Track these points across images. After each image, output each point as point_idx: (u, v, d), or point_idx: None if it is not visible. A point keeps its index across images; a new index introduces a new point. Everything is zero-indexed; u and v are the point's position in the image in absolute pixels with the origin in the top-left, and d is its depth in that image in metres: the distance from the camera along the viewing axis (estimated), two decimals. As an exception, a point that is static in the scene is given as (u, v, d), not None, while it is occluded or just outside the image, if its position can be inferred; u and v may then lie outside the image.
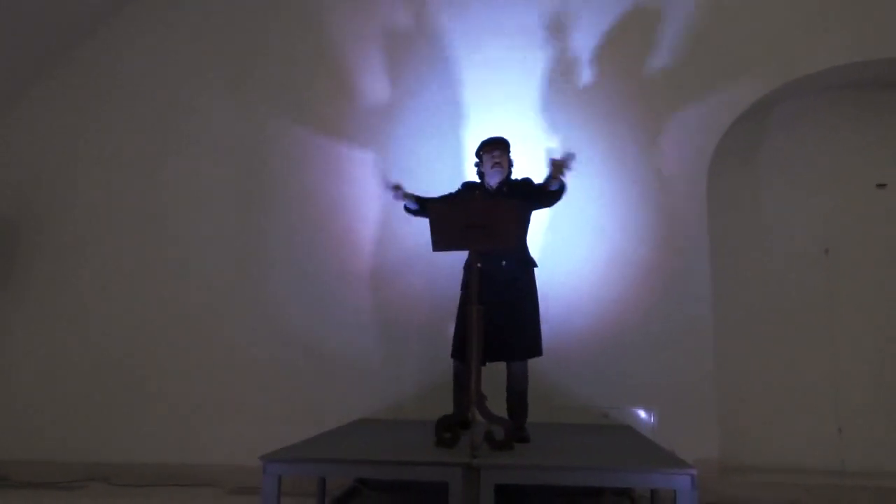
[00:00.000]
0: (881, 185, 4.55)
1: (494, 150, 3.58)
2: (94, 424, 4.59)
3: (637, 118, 4.42)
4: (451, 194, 3.75)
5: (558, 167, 3.33)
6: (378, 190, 4.48)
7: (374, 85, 4.71)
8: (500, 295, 3.34)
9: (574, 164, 3.32)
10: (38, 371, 4.74)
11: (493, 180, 3.60)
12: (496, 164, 3.56)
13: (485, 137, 3.69)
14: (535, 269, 3.60)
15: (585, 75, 4.51)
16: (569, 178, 3.38)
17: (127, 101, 4.96)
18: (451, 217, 3.11)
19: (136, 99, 4.96)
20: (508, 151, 3.64)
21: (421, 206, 3.67)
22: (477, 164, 3.70)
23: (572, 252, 4.34)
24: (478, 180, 3.71)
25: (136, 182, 4.86)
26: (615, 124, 4.43)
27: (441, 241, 3.15)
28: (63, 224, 4.89)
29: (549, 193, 3.47)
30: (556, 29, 4.56)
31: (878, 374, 4.40)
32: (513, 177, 3.67)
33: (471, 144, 4.43)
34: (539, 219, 4.23)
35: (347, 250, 4.58)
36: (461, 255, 3.54)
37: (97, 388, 4.64)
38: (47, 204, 4.93)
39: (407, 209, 3.71)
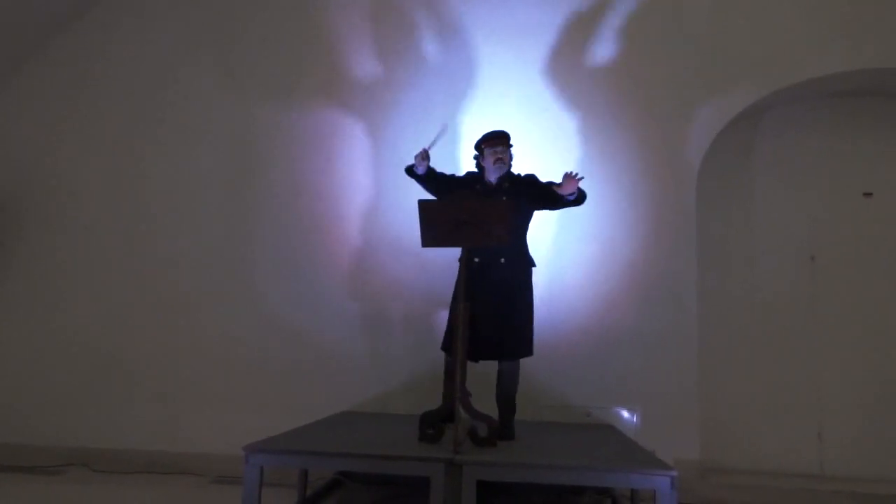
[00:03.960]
0: (867, 194, 4.58)
1: (497, 144, 3.50)
2: (76, 410, 4.57)
3: (628, 121, 4.43)
4: (456, 178, 3.69)
5: (569, 186, 3.36)
6: (367, 180, 4.52)
7: (367, 74, 4.69)
8: (495, 292, 3.34)
9: (580, 178, 3.38)
10: (21, 356, 4.71)
11: (494, 176, 3.53)
12: (498, 159, 3.49)
13: (486, 131, 3.61)
14: (533, 269, 3.60)
15: (574, 76, 4.50)
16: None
17: (114, 89, 4.91)
18: (442, 213, 3.10)
19: (124, 86, 4.90)
20: (510, 146, 3.57)
21: (429, 176, 3.61)
22: (476, 157, 3.63)
23: (560, 253, 4.35)
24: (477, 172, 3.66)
25: (123, 170, 4.82)
26: (606, 127, 4.43)
27: (431, 237, 3.15)
28: (50, 214, 4.84)
29: (566, 202, 3.45)
30: (543, 32, 4.57)
31: (860, 381, 4.44)
32: (514, 172, 3.61)
33: (465, 136, 4.44)
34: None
35: (335, 242, 4.56)
36: (449, 250, 3.52)
37: (80, 373, 4.62)
38: (33, 191, 4.87)
39: (410, 171, 3.61)
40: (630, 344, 4.22)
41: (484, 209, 3.08)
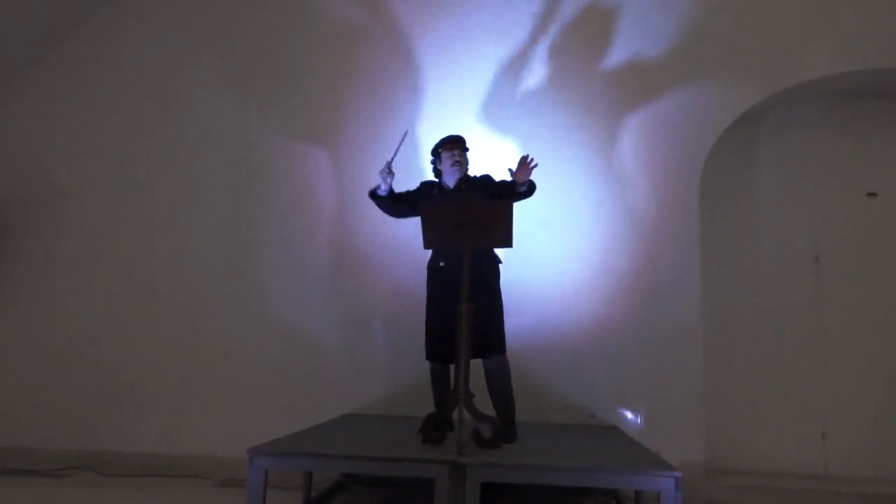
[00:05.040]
0: (871, 195, 4.58)
1: (454, 148, 3.58)
2: (82, 413, 4.58)
3: (631, 122, 4.43)
4: (412, 192, 3.73)
5: (524, 174, 3.41)
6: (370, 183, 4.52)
7: (370, 79, 4.70)
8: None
9: (534, 164, 3.43)
10: (29, 360, 4.73)
11: (452, 179, 3.59)
12: (456, 162, 3.56)
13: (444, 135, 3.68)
14: (501, 266, 3.58)
15: (576, 77, 4.50)
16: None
17: (118, 92, 4.94)
18: (444, 215, 3.11)
19: (128, 90, 4.93)
20: (466, 150, 3.66)
21: (391, 196, 3.67)
22: (433, 162, 3.69)
23: (563, 252, 4.35)
24: (434, 179, 3.72)
25: (127, 173, 4.84)
26: (609, 128, 4.44)
27: (433, 238, 3.16)
28: (54, 217, 4.87)
29: (518, 195, 3.48)
30: (544, 29, 4.57)
31: (864, 381, 4.43)
32: (470, 174, 3.66)
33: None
34: (532, 219, 4.26)
35: (338, 245, 4.58)
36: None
37: (86, 377, 4.63)
38: (37, 196, 4.90)
39: (373, 194, 3.67)
40: (634, 345, 4.21)
41: (486, 211, 3.09)
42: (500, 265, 3.58)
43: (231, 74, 4.86)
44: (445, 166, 3.60)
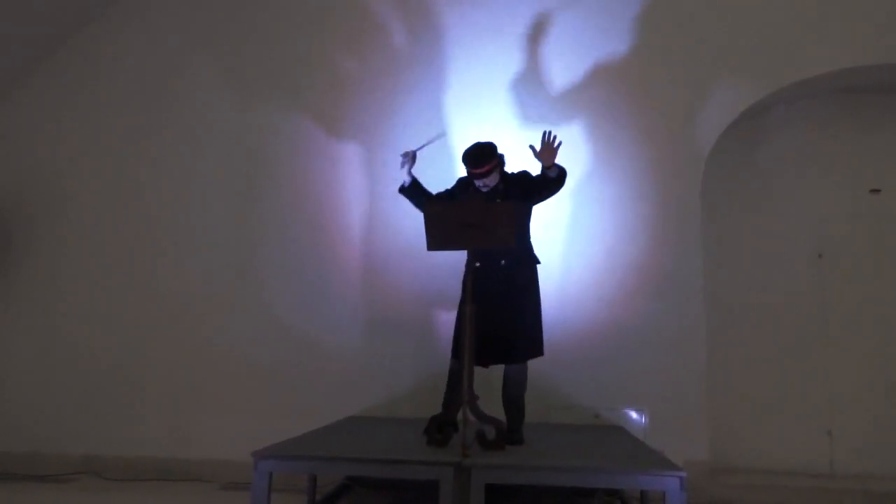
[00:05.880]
0: (875, 191, 4.56)
1: (476, 177, 3.36)
2: (86, 418, 4.58)
3: (632, 120, 4.42)
4: (448, 191, 3.67)
5: (548, 154, 3.32)
6: (372, 184, 4.52)
7: (371, 79, 4.69)
8: (497, 294, 3.30)
9: (558, 143, 3.34)
10: (32, 364, 4.73)
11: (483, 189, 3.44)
12: (483, 185, 3.38)
13: (470, 145, 3.44)
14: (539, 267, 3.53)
15: (577, 77, 4.49)
16: (561, 161, 3.38)
17: (119, 94, 4.94)
18: (447, 216, 3.10)
19: (129, 92, 4.93)
20: (491, 164, 3.34)
21: (418, 191, 3.61)
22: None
23: (566, 252, 4.34)
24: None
25: (129, 176, 4.84)
26: (610, 126, 4.43)
27: (436, 240, 3.15)
28: (56, 218, 4.87)
29: (550, 182, 3.40)
30: (544, 31, 4.56)
31: (869, 378, 4.41)
32: (507, 171, 3.53)
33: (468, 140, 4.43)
34: (534, 220, 4.24)
35: (342, 247, 4.57)
36: (454, 254, 3.53)
37: (90, 381, 4.63)
38: (40, 198, 4.91)
39: (402, 189, 3.62)
40: (638, 344, 4.20)
41: (489, 212, 3.07)
42: (539, 266, 3.51)
43: (232, 75, 4.85)
44: (476, 182, 3.43)
